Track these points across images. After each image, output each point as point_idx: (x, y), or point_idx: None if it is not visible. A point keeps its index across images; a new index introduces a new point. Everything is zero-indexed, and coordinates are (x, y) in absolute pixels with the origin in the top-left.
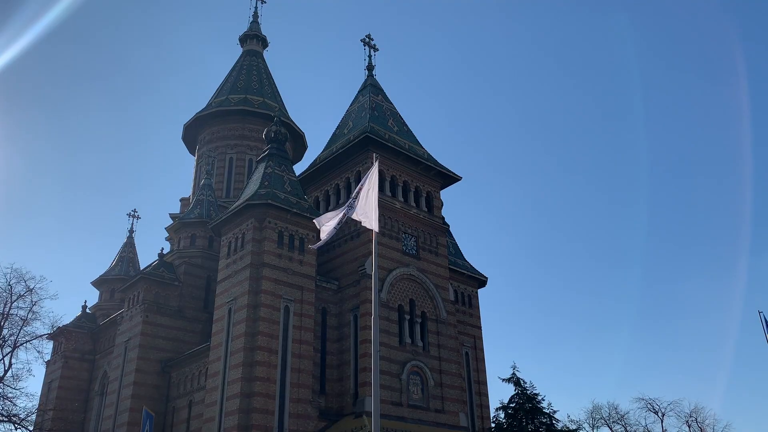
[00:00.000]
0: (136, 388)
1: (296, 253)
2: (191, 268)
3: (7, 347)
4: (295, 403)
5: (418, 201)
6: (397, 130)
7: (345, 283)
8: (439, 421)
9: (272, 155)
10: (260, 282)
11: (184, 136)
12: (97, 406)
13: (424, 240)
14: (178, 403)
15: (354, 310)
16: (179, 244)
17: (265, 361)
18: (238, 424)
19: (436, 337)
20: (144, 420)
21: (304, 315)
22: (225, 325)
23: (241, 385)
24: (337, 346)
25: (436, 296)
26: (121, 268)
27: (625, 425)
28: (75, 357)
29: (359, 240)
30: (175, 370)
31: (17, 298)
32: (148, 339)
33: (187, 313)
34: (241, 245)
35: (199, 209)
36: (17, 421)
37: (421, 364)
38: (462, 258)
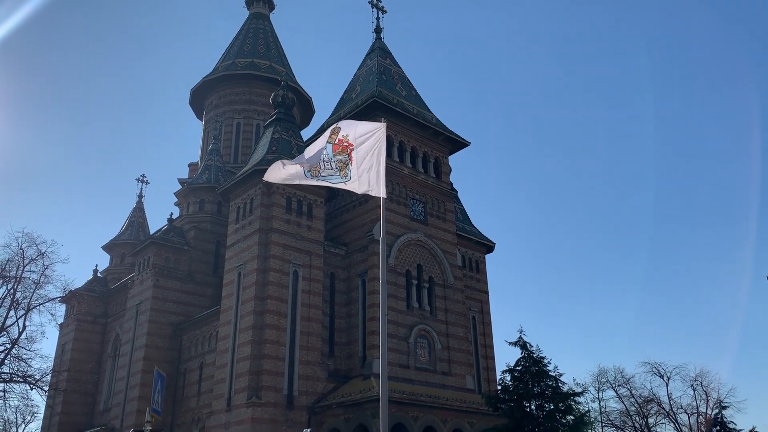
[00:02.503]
0: (147, 350)
1: (304, 218)
2: (200, 232)
3: (21, 310)
4: (304, 366)
5: (426, 166)
6: (406, 94)
7: (353, 248)
8: (445, 383)
9: (279, 120)
10: (269, 247)
11: (192, 101)
12: (110, 367)
13: (432, 206)
14: (189, 365)
15: (362, 275)
16: (188, 209)
17: (274, 325)
18: (248, 385)
19: (443, 301)
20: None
21: (312, 280)
22: (234, 289)
23: (251, 348)
24: (346, 310)
25: (444, 261)
26: (131, 232)
27: (630, 389)
28: (87, 320)
29: (367, 206)
30: (186, 332)
31: (29, 261)
32: (158, 302)
33: (196, 278)
34: (249, 211)
35: (207, 174)
36: (32, 382)
37: (429, 328)
38: (470, 223)
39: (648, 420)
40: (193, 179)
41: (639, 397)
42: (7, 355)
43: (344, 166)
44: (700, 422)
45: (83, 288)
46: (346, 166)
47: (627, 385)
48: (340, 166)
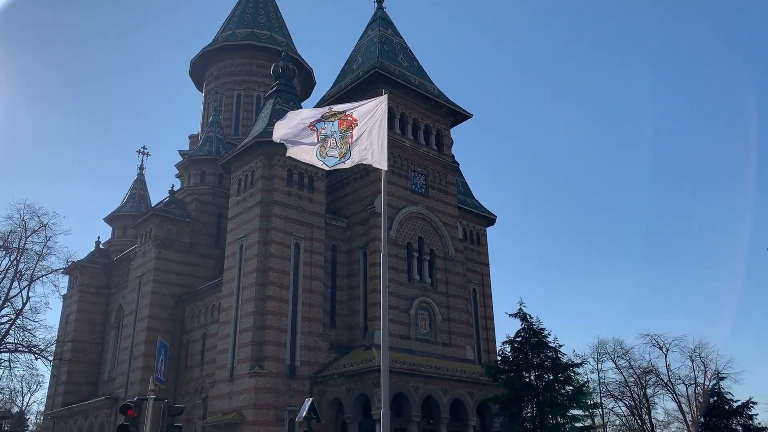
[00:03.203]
0: (150, 321)
1: (306, 191)
2: (202, 205)
3: (24, 281)
4: (306, 336)
5: (427, 139)
6: (407, 65)
7: (354, 221)
8: (446, 354)
9: (280, 91)
10: (270, 220)
11: (192, 72)
12: (113, 338)
13: (434, 178)
14: (193, 336)
15: (363, 248)
16: (189, 181)
17: (276, 296)
18: (251, 356)
19: (444, 274)
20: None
21: (314, 252)
22: (236, 261)
23: (254, 319)
24: (347, 282)
25: (445, 234)
26: (132, 204)
27: (629, 360)
28: (90, 291)
29: (368, 178)
30: (189, 304)
31: (31, 233)
32: (161, 274)
33: (198, 249)
34: (250, 183)
35: (207, 146)
36: (37, 352)
37: (429, 300)
38: (471, 196)
39: (646, 391)
40: (194, 151)
41: (638, 368)
42: (11, 326)
43: (345, 144)
44: (698, 393)
45: (86, 260)
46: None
47: (626, 356)
48: (344, 143)
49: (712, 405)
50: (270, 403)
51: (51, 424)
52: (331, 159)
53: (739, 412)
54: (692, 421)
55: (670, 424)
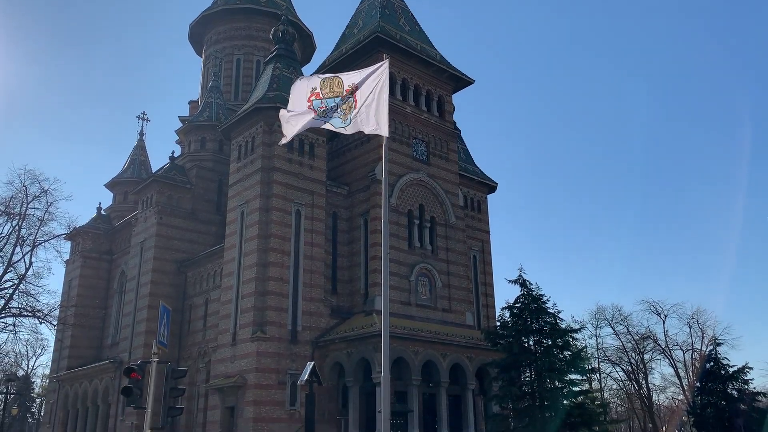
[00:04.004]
0: (153, 286)
1: (306, 157)
2: (202, 171)
3: (27, 246)
4: (307, 302)
5: (429, 105)
6: (409, 29)
7: (355, 188)
8: (446, 319)
9: (280, 56)
10: (271, 186)
11: (191, 36)
12: (117, 303)
13: (435, 145)
14: (195, 301)
15: (364, 215)
16: (190, 148)
17: (277, 262)
18: (253, 320)
19: (444, 241)
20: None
21: (315, 219)
22: (238, 228)
23: (255, 285)
24: (348, 249)
25: (446, 201)
26: (133, 170)
27: (627, 326)
28: (93, 257)
29: (369, 145)
30: (191, 269)
31: (32, 198)
32: (163, 240)
33: (200, 216)
34: (251, 149)
35: (207, 112)
36: (41, 316)
37: (430, 267)
38: (472, 163)
39: (644, 356)
40: (194, 117)
41: (636, 334)
42: (15, 290)
43: (349, 107)
44: (695, 359)
45: (87, 225)
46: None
47: (624, 322)
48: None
49: (708, 370)
50: (272, 367)
51: (56, 387)
52: (335, 120)
53: (735, 377)
54: (688, 386)
55: (666, 389)
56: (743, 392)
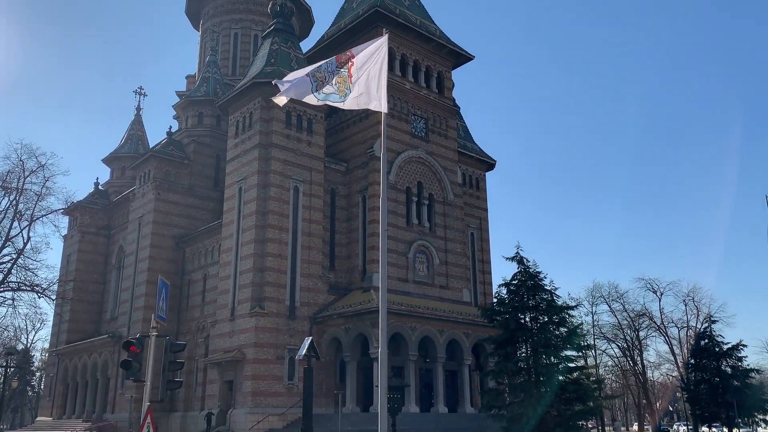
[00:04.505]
0: (151, 262)
1: (305, 133)
2: (200, 146)
3: (25, 221)
4: (305, 278)
5: (428, 81)
6: (409, 4)
7: (353, 164)
8: (443, 296)
9: (278, 30)
10: (269, 162)
11: (188, 9)
12: (115, 278)
13: (434, 122)
14: (194, 276)
15: (362, 192)
16: (187, 123)
17: (276, 239)
18: (251, 296)
19: (442, 218)
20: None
21: (313, 195)
22: (236, 204)
23: (254, 261)
24: (346, 226)
25: (444, 179)
26: (130, 145)
27: (623, 303)
28: (91, 232)
29: (368, 121)
30: (189, 245)
31: (30, 173)
32: (161, 215)
33: (197, 191)
34: (249, 125)
35: (205, 87)
36: (40, 291)
37: (428, 244)
38: (471, 140)
39: (639, 333)
40: (191, 92)
41: (631, 311)
42: (13, 265)
43: (344, 81)
44: (689, 336)
45: (85, 200)
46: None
47: (620, 299)
48: (340, 81)
49: (702, 347)
50: (270, 342)
51: (56, 361)
52: (332, 95)
53: (729, 354)
54: (683, 362)
55: (661, 366)
56: (737, 369)
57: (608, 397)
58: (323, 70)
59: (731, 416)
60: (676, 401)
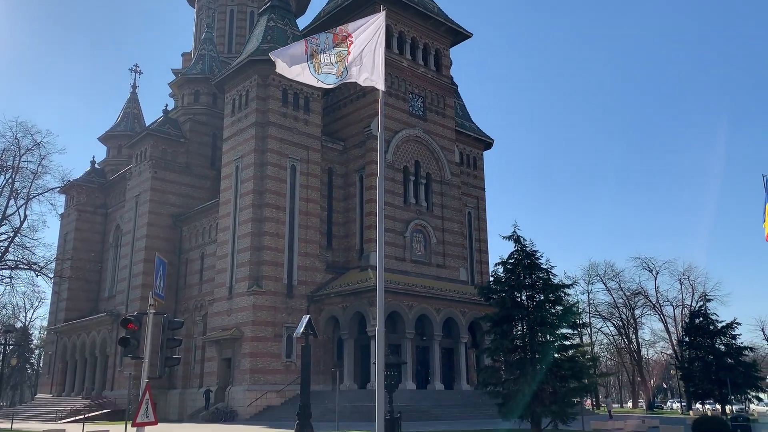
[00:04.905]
0: (148, 240)
1: (301, 112)
2: (196, 125)
3: (21, 199)
4: (303, 257)
5: (426, 59)
6: None
7: (351, 143)
8: (440, 275)
9: (274, 7)
10: (266, 141)
11: None
12: (113, 256)
13: (432, 100)
14: (191, 255)
15: (360, 171)
16: (183, 101)
17: (273, 218)
18: (249, 275)
19: (440, 197)
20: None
21: (310, 174)
22: (233, 183)
23: (251, 240)
24: (343, 205)
25: (442, 158)
26: (126, 124)
27: (619, 282)
28: (88, 210)
29: (365, 99)
30: (186, 224)
31: (25, 151)
32: (157, 194)
33: (194, 170)
34: (245, 103)
35: (201, 65)
36: (37, 269)
37: (425, 223)
38: (469, 119)
39: (634, 311)
40: (187, 69)
41: (627, 290)
42: (10, 243)
43: (342, 59)
44: (684, 314)
45: (82, 179)
46: (343, 59)
47: (616, 278)
48: (338, 59)
49: (696, 325)
50: (268, 321)
51: (54, 339)
52: (329, 77)
53: (723, 332)
54: (677, 340)
55: (655, 344)
56: (730, 347)
57: (603, 374)
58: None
59: (724, 393)
60: (670, 379)
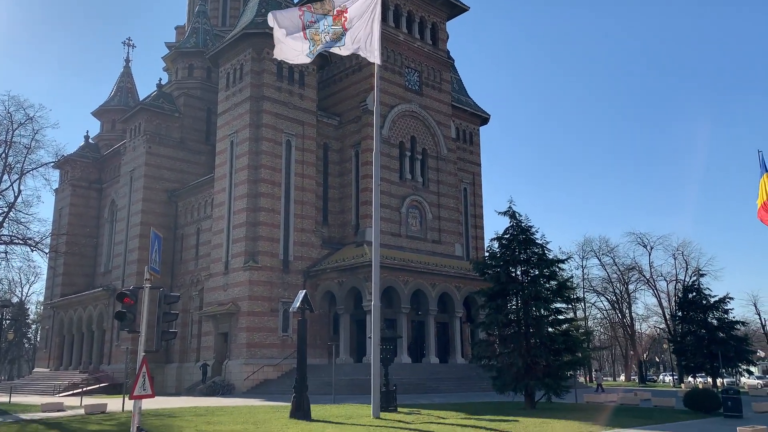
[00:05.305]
0: (144, 216)
1: (296, 86)
2: (190, 99)
3: (15, 174)
4: (299, 233)
5: (422, 33)
6: None
7: (346, 118)
8: (435, 251)
9: None
10: (261, 116)
11: None
12: (108, 232)
13: (428, 75)
14: (186, 231)
15: (355, 146)
16: (177, 75)
17: (268, 193)
18: (245, 250)
19: (435, 173)
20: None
21: (305, 150)
22: (228, 158)
23: (247, 215)
24: (339, 181)
25: (438, 133)
26: (120, 98)
27: (613, 257)
28: (82, 185)
29: (361, 74)
30: (181, 199)
31: (18, 125)
32: (152, 169)
33: (189, 145)
34: (239, 77)
35: (195, 38)
36: (32, 244)
37: (420, 199)
38: (465, 94)
39: (628, 286)
40: (181, 43)
41: (621, 265)
42: (5, 218)
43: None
44: (677, 289)
45: (76, 154)
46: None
47: (611, 253)
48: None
49: (689, 300)
50: (265, 296)
51: (51, 314)
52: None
53: (716, 306)
54: (670, 315)
55: (649, 318)
56: (723, 321)
57: (597, 348)
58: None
59: (716, 367)
60: (663, 353)
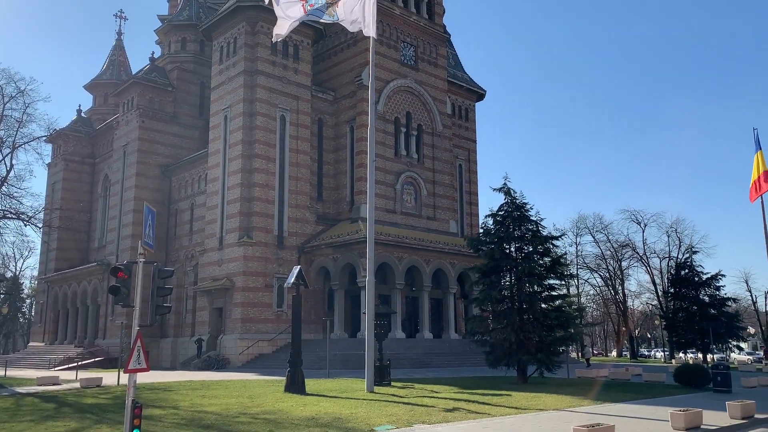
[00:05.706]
0: (137, 190)
1: (291, 60)
2: (184, 73)
3: (6, 148)
4: (293, 209)
5: (418, 6)
6: None
7: (341, 93)
8: (430, 227)
9: None
10: (255, 90)
11: None
12: (101, 206)
13: (423, 50)
14: (180, 206)
15: (350, 122)
16: (170, 48)
17: (263, 169)
18: (239, 226)
19: (431, 149)
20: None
21: (300, 125)
22: (221, 133)
23: (241, 191)
24: (334, 157)
25: (433, 109)
26: (112, 72)
27: (607, 234)
28: (75, 160)
29: (356, 48)
30: (175, 174)
31: (9, 99)
32: (145, 144)
33: (182, 120)
34: (233, 51)
35: (187, 11)
36: (26, 219)
37: (415, 175)
38: (461, 70)
39: (621, 263)
40: (174, 16)
41: (615, 242)
42: None
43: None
44: (670, 266)
45: (68, 128)
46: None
47: (604, 230)
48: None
49: (682, 277)
50: (259, 271)
51: (45, 288)
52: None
53: (708, 283)
54: (663, 291)
55: (641, 295)
56: (714, 298)
57: (590, 324)
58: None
59: (706, 343)
60: (654, 329)
